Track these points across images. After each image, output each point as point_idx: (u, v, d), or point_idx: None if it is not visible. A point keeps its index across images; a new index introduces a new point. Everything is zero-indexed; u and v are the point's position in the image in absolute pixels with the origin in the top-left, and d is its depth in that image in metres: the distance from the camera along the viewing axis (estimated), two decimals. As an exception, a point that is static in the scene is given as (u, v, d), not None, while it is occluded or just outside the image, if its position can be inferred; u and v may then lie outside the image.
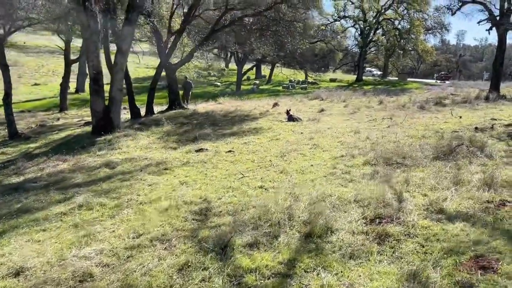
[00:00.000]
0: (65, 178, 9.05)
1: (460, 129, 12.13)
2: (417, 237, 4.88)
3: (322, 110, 18.77)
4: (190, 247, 4.94)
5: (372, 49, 59.34)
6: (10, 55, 45.39)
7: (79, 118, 21.06)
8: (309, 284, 4.04)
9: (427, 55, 54.29)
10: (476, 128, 11.89)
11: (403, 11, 52.75)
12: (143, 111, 19.97)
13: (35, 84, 37.02)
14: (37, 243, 5.44)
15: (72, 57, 29.24)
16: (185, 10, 21.00)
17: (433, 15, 52.25)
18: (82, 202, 6.87)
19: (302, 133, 13.10)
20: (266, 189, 7.32)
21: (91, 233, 5.59)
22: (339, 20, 55.56)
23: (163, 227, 5.68)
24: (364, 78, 54.33)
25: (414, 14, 51.76)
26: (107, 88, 14.67)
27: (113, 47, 20.76)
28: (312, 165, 8.89)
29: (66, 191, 7.86)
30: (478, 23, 29.94)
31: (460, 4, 31.77)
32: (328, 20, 54.81)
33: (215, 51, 43.03)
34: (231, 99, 27.25)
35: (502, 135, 10.93)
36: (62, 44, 28.32)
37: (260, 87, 44.06)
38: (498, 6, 27.51)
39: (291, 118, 15.84)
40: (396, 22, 53.90)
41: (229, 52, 48.80)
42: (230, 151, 10.85)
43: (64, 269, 4.57)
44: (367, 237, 4.94)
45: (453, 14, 32.98)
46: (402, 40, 52.63)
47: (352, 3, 53.56)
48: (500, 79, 27.13)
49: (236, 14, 20.94)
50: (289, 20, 20.92)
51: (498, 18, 27.13)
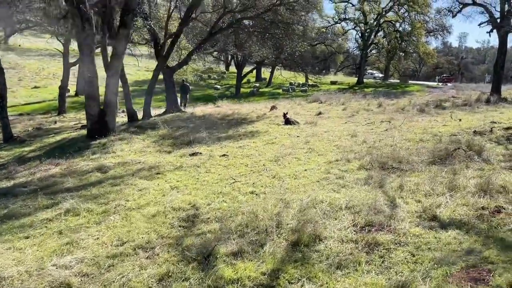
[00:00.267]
0: (55, 182, 8.91)
1: (459, 132, 11.97)
2: (408, 245, 4.72)
3: (320, 113, 18.62)
4: (173, 255, 4.78)
5: (373, 51, 59.18)
6: (11, 58, 45.81)
7: (76, 121, 20.97)
8: (292, 297, 3.89)
9: (429, 58, 54.10)
10: (475, 131, 11.70)
11: (404, 13, 52.59)
12: (141, 114, 19.88)
13: (35, 87, 37.03)
14: (18, 251, 5.28)
15: (73, 59, 29.20)
16: (182, 13, 20.88)
17: (434, 17, 52.19)
18: (69, 208, 6.72)
19: (298, 136, 12.96)
20: (257, 194, 7.17)
21: (74, 240, 5.45)
22: (339, 23, 55.57)
23: (148, 234, 5.53)
24: (365, 80, 54.17)
25: (415, 16, 51.58)
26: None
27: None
28: (306, 169, 8.75)
29: (55, 196, 7.71)
30: (479, 25, 29.80)
31: (461, 6, 31.64)
32: (329, 22, 54.79)
33: (215, 54, 42.99)
34: (230, 102, 27.14)
35: (501, 138, 10.74)
36: (61, 47, 28.33)
37: (260, 90, 43.92)
38: (498, 9, 27.39)
39: (288, 122, 15.68)
40: (397, 25, 53.78)
41: (229, 55, 48.73)
42: (224, 155, 10.71)
43: (42, 279, 4.41)
44: (356, 245, 4.78)
45: (454, 16, 32.87)
46: (403, 43, 52.45)
47: (353, 6, 53.53)
48: (501, 81, 26.92)
49: (234, 17, 20.84)
50: (287, 22, 20.78)
51: (498, 21, 26.98)
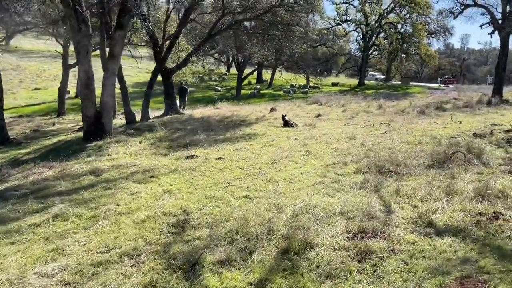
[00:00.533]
0: (48, 186, 8.78)
1: (459, 134, 11.79)
2: (401, 253, 4.56)
3: (319, 115, 18.45)
4: (159, 264, 4.63)
5: (375, 53, 58.99)
6: (12, 59, 45.81)
7: (75, 123, 20.85)
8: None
9: (430, 59, 53.90)
10: (475, 134, 11.51)
11: (405, 14, 52.43)
12: (139, 116, 19.77)
13: (36, 89, 37.06)
14: (1, 258, 5.14)
15: (73, 61, 29.04)
16: (180, 14, 20.77)
17: (436, 18, 51.98)
18: (58, 213, 6.58)
19: (296, 139, 12.80)
20: (250, 199, 7.02)
21: (60, 247, 5.31)
22: (341, 24, 55.36)
23: (136, 240, 5.38)
24: (366, 82, 54.01)
25: (417, 17, 51.41)
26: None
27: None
28: (301, 173, 8.59)
29: (45, 200, 7.58)
30: (481, 26, 29.58)
31: (462, 7, 31.47)
32: (330, 24, 54.60)
33: (216, 55, 42.89)
34: (229, 104, 26.99)
35: (501, 141, 10.56)
36: (60, 48, 28.22)
37: (261, 92, 43.79)
38: (500, 10, 27.19)
39: (286, 124, 15.53)
40: (399, 26, 53.58)
41: (230, 57, 48.64)
42: (220, 158, 10.56)
43: (22, 288, 4.29)
44: (348, 253, 4.62)
45: (455, 18, 32.71)
46: (405, 44, 52.26)
47: (354, 7, 53.39)
48: (503, 83, 26.69)
49: (233, 18, 20.72)
50: (286, 24, 20.64)
51: (500, 22, 26.78)
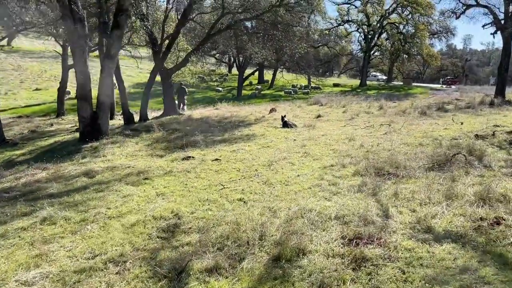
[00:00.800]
0: (39, 188, 8.59)
1: (460, 136, 11.58)
2: (398, 261, 4.36)
3: (319, 116, 18.25)
4: (145, 271, 4.43)
5: (377, 53, 58.71)
6: (13, 60, 45.75)
7: (73, 123, 20.65)
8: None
9: (432, 60, 53.62)
10: (476, 135, 11.30)
11: (407, 15, 52.19)
12: (138, 117, 19.62)
13: (37, 89, 36.90)
14: (-16, 264, 4.96)
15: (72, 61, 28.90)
16: (179, 14, 20.59)
17: (438, 19, 51.76)
18: (46, 216, 6.40)
19: (295, 140, 12.60)
20: (245, 202, 6.82)
21: (44, 252, 5.11)
22: (342, 25, 55.14)
23: (123, 246, 5.18)
24: (368, 82, 53.79)
25: (419, 18, 51.17)
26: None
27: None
28: (298, 175, 8.39)
29: (35, 202, 7.38)
30: (483, 26, 29.37)
31: (464, 7, 31.23)
32: (332, 24, 54.43)
33: (217, 56, 42.74)
34: (230, 104, 26.79)
35: (503, 143, 10.35)
36: (60, 49, 28.04)
37: (262, 92, 43.59)
38: (503, 10, 26.96)
39: (285, 124, 15.33)
40: (401, 27, 53.33)
41: (231, 57, 48.44)
42: (216, 159, 10.37)
43: (1, 296, 4.10)
44: (343, 261, 4.41)
45: (457, 18, 32.42)
46: (407, 45, 52.01)
47: (356, 8, 53.18)
48: (505, 84, 26.42)
49: (233, 18, 20.53)
50: (286, 24, 20.44)
51: (503, 22, 26.53)
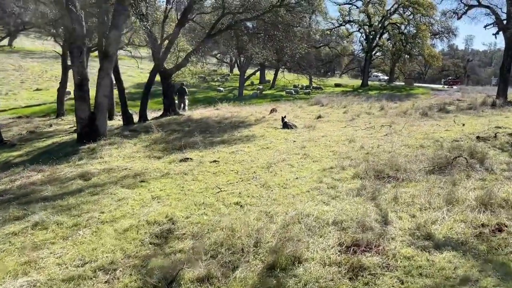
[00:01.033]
0: (34, 191, 8.46)
1: (461, 138, 11.43)
2: (397, 270, 4.21)
3: (320, 117, 18.09)
4: (135, 280, 4.29)
5: (378, 54, 58.50)
6: (14, 60, 45.71)
7: (72, 124, 20.54)
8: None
9: (434, 60, 53.41)
10: (478, 137, 11.15)
11: (409, 15, 51.98)
12: (137, 117, 19.50)
13: (37, 90, 36.84)
14: (-29, 271, 4.83)
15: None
16: (179, 14, 20.45)
17: (439, 19, 51.50)
18: (38, 221, 6.26)
19: (295, 141, 12.46)
20: (241, 206, 6.68)
21: (34, 259, 4.98)
22: (344, 25, 54.97)
23: (114, 253, 5.04)
24: (370, 83, 53.59)
25: (420, 18, 50.95)
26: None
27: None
28: (297, 177, 8.25)
29: (29, 206, 7.25)
30: (485, 27, 29.24)
31: (466, 8, 31.09)
32: (333, 24, 54.25)
33: (218, 56, 42.61)
34: (231, 104, 26.65)
35: (506, 145, 10.19)
36: (60, 49, 27.96)
37: (264, 92, 43.46)
38: (505, 10, 26.78)
39: (285, 125, 15.18)
40: (402, 27, 53.11)
41: (233, 57, 48.29)
42: (215, 161, 10.23)
43: (-15, 306, 3.97)
44: (339, 269, 4.27)
45: (459, 18, 32.33)
46: (408, 45, 51.80)
47: (357, 8, 53.00)
48: (507, 84, 26.24)
49: (233, 18, 20.38)
50: (287, 24, 20.29)
51: (505, 22, 26.36)
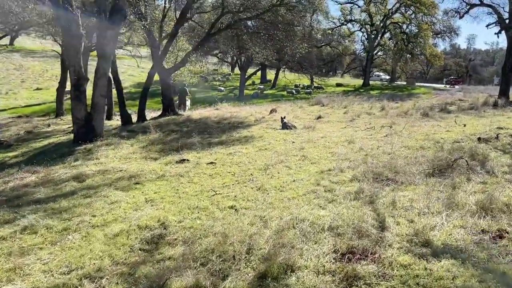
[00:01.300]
0: (26, 193, 8.32)
1: (462, 139, 11.25)
2: (393, 279, 4.05)
3: (320, 117, 17.92)
4: (121, 289, 4.16)
5: (380, 53, 58.23)
6: (15, 59, 45.66)
7: (70, 124, 20.39)
8: None
9: (436, 60, 53.07)
10: (479, 138, 10.95)
11: (410, 14, 51.69)
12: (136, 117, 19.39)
13: (37, 89, 36.78)
14: (-46, 279, 4.69)
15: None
16: (177, 13, 20.29)
17: (441, 18, 51.27)
18: (27, 225, 6.12)
19: (293, 142, 12.30)
20: (236, 209, 6.53)
21: (19, 266, 4.84)
22: (345, 24, 54.79)
23: (102, 259, 4.89)
24: (371, 82, 53.37)
25: (422, 17, 50.67)
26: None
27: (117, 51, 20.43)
28: (294, 180, 8.09)
29: (20, 209, 7.11)
30: (487, 26, 28.97)
31: (468, 7, 30.87)
32: (335, 24, 54.07)
33: (219, 55, 42.44)
34: (231, 104, 26.49)
35: (507, 146, 10.02)
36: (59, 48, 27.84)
37: (265, 92, 43.30)
38: (507, 9, 26.56)
39: (285, 126, 15.02)
40: (404, 26, 52.83)
41: (234, 57, 48.11)
42: (211, 162, 10.09)
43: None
44: (333, 278, 4.11)
45: (461, 17, 32.10)
46: (410, 44, 51.50)
47: (359, 7, 52.77)
48: (509, 84, 25.95)
49: (233, 17, 20.22)
50: (287, 23, 20.12)
51: (507, 21, 26.14)
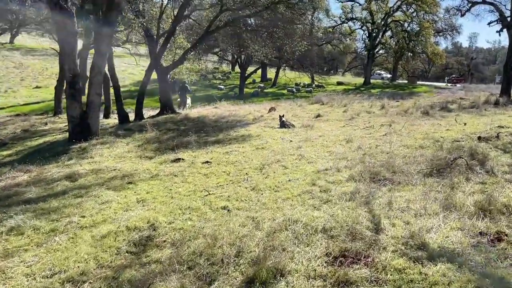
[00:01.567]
0: (17, 192, 8.17)
1: (462, 138, 11.08)
2: (386, 284, 3.89)
3: (319, 116, 17.75)
4: (103, 294, 4.00)
5: (381, 51, 58.01)
6: (15, 57, 45.54)
7: (67, 123, 20.27)
8: None
9: (437, 58, 52.87)
10: (479, 137, 10.77)
11: (412, 13, 51.48)
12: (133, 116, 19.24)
13: (37, 87, 36.66)
14: None
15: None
16: (175, 10, 20.11)
17: (443, 17, 51.07)
18: (14, 226, 5.97)
19: (291, 141, 12.13)
20: (229, 210, 6.36)
21: (2, 268, 4.69)
22: (346, 22, 54.60)
23: (86, 262, 4.74)
24: (372, 81, 53.20)
25: (424, 16, 50.46)
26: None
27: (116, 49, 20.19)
28: (290, 180, 7.92)
29: (9, 209, 6.96)
30: (489, 24, 28.78)
31: (469, 5, 30.65)
32: (336, 22, 53.87)
33: (219, 53, 42.27)
34: (230, 103, 26.34)
35: (508, 145, 9.83)
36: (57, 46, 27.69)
37: (265, 91, 43.15)
38: (509, 7, 26.38)
39: (283, 125, 14.85)
40: (405, 24, 52.61)
41: (234, 55, 47.92)
42: (207, 162, 9.92)
43: None
44: (324, 283, 3.95)
45: (462, 15, 31.89)
46: (411, 43, 51.30)
47: (360, 5, 52.55)
48: (511, 83, 25.73)
49: (232, 15, 20.04)
50: (286, 21, 19.94)
51: (509, 19, 25.92)
